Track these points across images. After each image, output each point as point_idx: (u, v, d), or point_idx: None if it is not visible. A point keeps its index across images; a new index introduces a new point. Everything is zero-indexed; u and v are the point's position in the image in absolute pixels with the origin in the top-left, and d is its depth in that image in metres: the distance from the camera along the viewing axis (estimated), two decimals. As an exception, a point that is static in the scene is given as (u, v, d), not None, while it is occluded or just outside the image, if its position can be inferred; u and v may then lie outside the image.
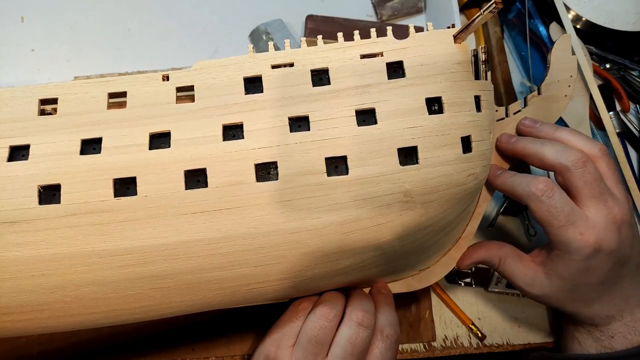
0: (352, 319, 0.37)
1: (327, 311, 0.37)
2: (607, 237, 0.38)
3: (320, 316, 0.37)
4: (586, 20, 0.59)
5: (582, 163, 0.38)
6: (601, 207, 0.39)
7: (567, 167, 0.38)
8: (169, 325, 0.48)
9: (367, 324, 0.37)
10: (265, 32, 0.60)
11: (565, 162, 0.39)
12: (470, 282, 0.52)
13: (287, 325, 0.38)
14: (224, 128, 0.34)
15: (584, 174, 0.38)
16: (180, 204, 0.32)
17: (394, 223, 0.34)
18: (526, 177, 0.40)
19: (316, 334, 0.36)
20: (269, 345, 0.38)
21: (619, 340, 0.42)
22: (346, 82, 0.35)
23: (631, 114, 0.59)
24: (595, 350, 0.42)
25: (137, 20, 0.62)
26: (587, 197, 0.39)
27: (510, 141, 0.42)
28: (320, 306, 0.38)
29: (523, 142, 0.41)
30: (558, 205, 0.38)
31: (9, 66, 0.59)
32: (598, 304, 0.42)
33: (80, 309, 0.34)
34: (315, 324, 0.37)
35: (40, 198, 0.32)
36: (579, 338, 0.44)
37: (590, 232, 0.38)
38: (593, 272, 0.39)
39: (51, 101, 0.35)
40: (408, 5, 0.63)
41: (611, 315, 0.42)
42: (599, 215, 0.38)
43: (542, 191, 0.38)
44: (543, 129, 0.42)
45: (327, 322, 0.37)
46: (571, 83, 0.44)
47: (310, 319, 0.38)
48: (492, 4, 0.32)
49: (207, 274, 0.33)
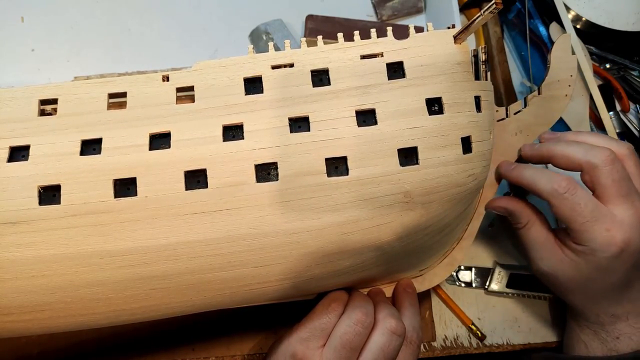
0: (386, 327, 0.37)
1: (363, 318, 0.37)
2: (633, 237, 0.38)
3: (356, 322, 0.37)
4: (586, 20, 0.59)
5: (610, 161, 0.38)
6: (628, 206, 0.38)
7: (595, 165, 0.38)
8: (169, 325, 0.48)
9: (400, 332, 0.37)
10: (265, 32, 0.60)
11: (594, 159, 0.38)
12: (470, 282, 0.52)
13: (317, 326, 0.38)
14: (224, 128, 0.34)
15: (612, 171, 0.38)
16: (181, 204, 0.32)
17: (394, 223, 0.34)
18: (547, 172, 0.40)
19: (351, 339, 0.36)
20: (297, 343, 0.37)
21: (624, 342, 0.41)
22: (346, 83, 0.35)
23: (631, 114, 0.59)
24: (602, 352, 0.42)
25: (137, 20, 0.62)
26: (614, 195, 0.38)
27: (534, 147, 0.42)
28: (355, 310, 0.37)
29: (548, 145, 0.41)
30: (582, 202, 0.38)
31: (9, 66, 0.59)
32: (606, 301, 0.41)
33: (81, 309, 0.34)
34: (350, 329, 0.36)
35: (41, 199, 0.32)
36: (585, 340, 0.43)
37: (617, 230, 0.38)
38: (611, 272, 0.39)
39: (51, 101, 0.35)
40: (408, 5, 0.63)
41: (617, 314, 0.41)
42: (626, 214, 0.38)
43: (565, 188, 0.38)
44: (566, 133, 0.42)
45: (362, 329, 0.37)
46: (571, 83, 0.44)
47: (345, 322, 0.37)
48: (492, 4, 0.32)
49: (207, 274, 0.33)
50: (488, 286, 0.51)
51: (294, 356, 0.37)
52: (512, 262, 0.53)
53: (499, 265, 0.52)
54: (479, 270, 0.52)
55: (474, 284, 0.52)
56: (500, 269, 0.52)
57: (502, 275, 0.52)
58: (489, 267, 0.52)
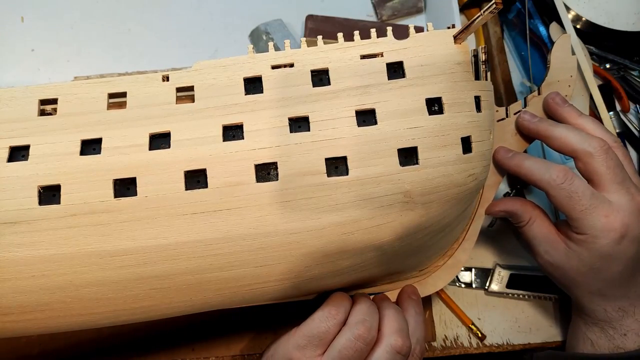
0: (391, 345, 0.35)
1: (365, 334, 0.35)
2: (633, 223, 0.38)
3: (357, 337, 0.35)
4: (586, 20, 0.59)
5: (604, 150, 0.39)
6: (624, 193, 0.39)
7: (590, 153, 0.39)
8: (169, 326, 0.48)
9: (406, 351, 0.36)
10: (265, 32, 0.60)
11: (588, 147, 0.39)
12: (470, 282, 0.52)
13: (315, 334, 0.36)
14: (224, 128, 0.34)
15: (607, 159, 0.39)
16: (180, 204, 0.32)
17: (394, 223, 0.34)
18: (543, 162, 0.40)
19: (351, 355, 0.35)
20: (294, 350, 0.36)
21: (632, 339, 0.41)
22: (346, 83, 0.35)
23: (631, 114, 0.59)
24: (608, 349, 0.42)
25: (137, 20, 0.62)
26: (609, 182, 0.39)
27: (533, 120, 0.42)
28: (357, 325, 0.36)
29: (546, 124, 0.42)
30: (579, 190, 0.38)
31: (9, 66, 0.59)
32: (612, 294, 0.41)
33: (81, 309, 0.34)
34: (351, 345, 0.35)
35: (40, 198, 0.32)
36: (592, 338, 0.43)
37: (615, 215, 0.38)
38: (613, 260, 0.39)
39: (51, 101, 0.35)
40: (408, 5, 0.63)
41: (623, 308, 0.41)
42: (622, 200, 0.39)
43: (563, 178, 0.39)
44: (569, 110, 0.42)
45: (363, 345, 0.35)
46: (571, 83, 0.44)
47: (345, 336, 0.35)
48: (492, 4, 0.32)
49: (207, 274, 0.33)
50: (488, 287, 0.51)
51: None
52: (512, 263, 0.53)
53: (499, 266, 0.52)
54: (479, 271, 0.52)
55: (474, 284, 0.52)
56: (500, 269, 0.52)
57: (502, 275, 0.52)
58: (489, 268, 0.52)
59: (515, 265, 0.52)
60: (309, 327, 0.37)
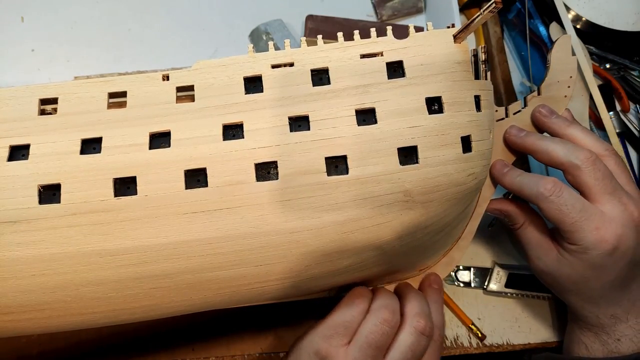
0: (415, 326, 0.37)
1: (390, 317, 0.37)
2: (625, 234, 0.38)
3: (383, 321, 0.36)
4: (586, 20, 0.59)
5: (591, 161, 0.38)
6: (616, 203, 0.38)
7: (577, 165, 0.38)
8: (169, 326, 0.48)
9: (429, 332, 0.37)
10: (265, 32, 0.60)
11: (575, 160, 0.39)
12: (469, 282, 0.52)
13: (340, 323, 0.37)
14: (224, 128, 0.34)
15: (595, 171, 0.38)
16: (181, 203, 0.32)
17: (394, 222, 0.34)
18: (534, 176, 0.40)
19: (377, 339, 0.36)
20: (320, 341, 0.37)
21: (625, 344, 0.41)
22: (346, 82, 0.35)
23: (631, 114, 0.59)
24: (603, 354, 0.42)
25: (137, 20, 0.62)
26: (599, 193, 0.38)
27: (519, 135, 0.42)
28: (381, 310, 0.37)
29: (533, 138, 0.41)
30: (568, 202, 0.38)
31: (9, 66, 0.59)
32: (604, 301, 0.41)
33: (81, 308, 0.34)
34: (377, 329, 0.36)
35: (41, 198, 0.32)
36: (586, 342, 0.43)
37: (606, 227, 0.38)
38: (605, 270, 0.39)
39: (51, 101, 0.35)
40: (408, 5, 0.64)
41: (616, 315, 0.41)
42: (615, 211, 0.38)
43: (551, 191, 0.38)
44: (557, 122, 0.42)
45: (389, 329, 0.36)
46: (571, 84, 0.44)
47: (371, 321, 0.37)
48: (492, 4, 0.32)
49: (207, 273, 0.33)
50: (487, 286, 0.51)
51: (318, 353, 0.36)
52: (511, 262, 0.53)
53: (497, 265, 0.52)
54: (478, 270, 0.52)
55: (473, 284, 0.52)
56: (498, 268, 0.52)
57: (501, 275, 0.52)
58: (488, 267, 0.52)
59: (514, 264, 0.52)
60: (333, 318, 0.38)
